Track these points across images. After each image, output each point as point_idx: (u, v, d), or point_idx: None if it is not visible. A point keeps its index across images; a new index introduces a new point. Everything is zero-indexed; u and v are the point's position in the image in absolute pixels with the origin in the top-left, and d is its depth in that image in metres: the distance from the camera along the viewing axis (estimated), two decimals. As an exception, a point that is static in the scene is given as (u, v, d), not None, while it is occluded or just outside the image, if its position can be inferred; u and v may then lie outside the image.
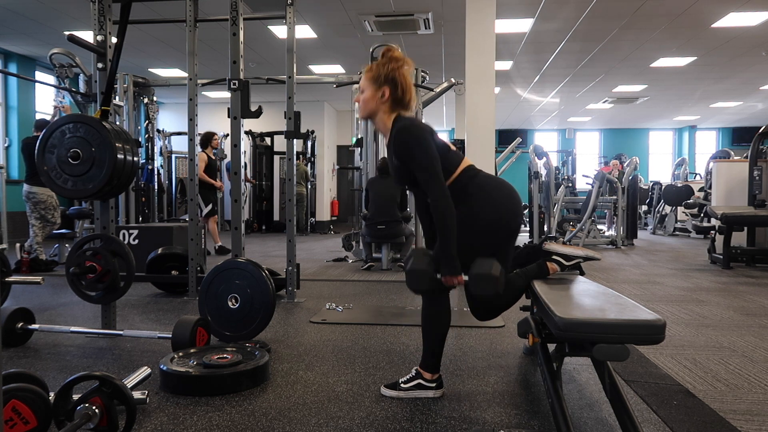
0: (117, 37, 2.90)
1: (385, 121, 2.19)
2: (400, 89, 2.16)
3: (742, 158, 8.03)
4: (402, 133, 2.10)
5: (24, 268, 5.58)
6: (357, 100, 2.25)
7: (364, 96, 2.20)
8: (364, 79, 2.21)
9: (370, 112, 2.21)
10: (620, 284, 4.99)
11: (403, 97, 2.17)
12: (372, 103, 2.19)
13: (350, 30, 8.14)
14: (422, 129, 2.11)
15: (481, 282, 1.97)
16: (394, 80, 2.15)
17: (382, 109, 2.19)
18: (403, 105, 2.19)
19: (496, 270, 1.96)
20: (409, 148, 2.07)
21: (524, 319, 2.61)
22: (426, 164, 2.04)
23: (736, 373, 2.52)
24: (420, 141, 2.06)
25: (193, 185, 4.23)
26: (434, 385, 2.17)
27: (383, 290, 4.69)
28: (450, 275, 2.02)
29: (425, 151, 2.05)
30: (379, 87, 2.17)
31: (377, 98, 2.17)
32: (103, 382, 1.75)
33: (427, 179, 2.04)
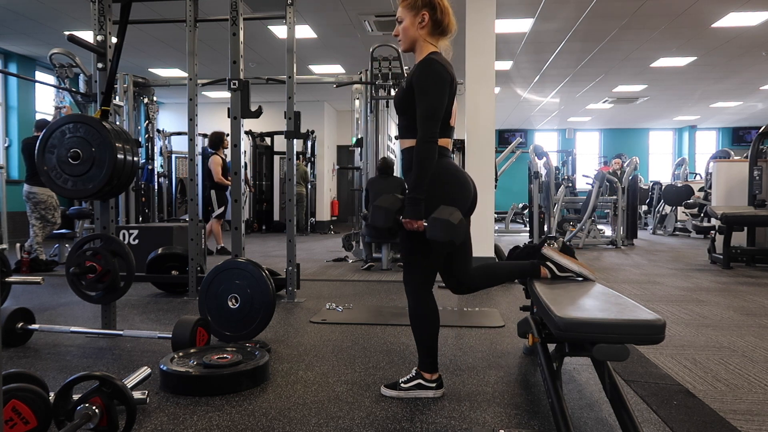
0: (117, 37, 2.90)
1: (424, 50, 2.16)
2: (439, 11, 2.14)
3: (742, 158, 8.03)
4: (426, 66, 2.07)
5: (24, 268, 5.58)
6: (396, 33, 2.20)
7: (404, 25, 2.16)
8: (401, 8, 2.16)
9: (411, 41, 2.17)
10: (620, 284, 4.99)
11: (443, 18, 2.15)
12: (412, 31, 2.15)
13: (350, 30, 8.14)
14: (446, 73, 2.08)
15: (437, 226, 1.95)
16: (431, 3, 2.13)
17: (422, 35, 2.15)
18: (443, 28, 2.17)
19: (455, 218, 1.94)
20: (426, 79, 2.05)
21: (524, 319, 2.61)
22: (431, 103, 2.03)
23: (736, 373, 2.52)
24: (439, 81, 2.05)
25: (193, 185, 4.23)
26: (434, 385, 2.18)
27: (383, 290, 4.69)
28: (411, 218, 2.02)
29: (437, 93, 2.04)
30: (417, 12, 2.13)
31: (417, 24, 2.14)
32: (103, 382, 1.75)
33: (425, 117, 2.03)
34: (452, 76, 2.13)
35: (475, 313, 3.72)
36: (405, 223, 2.05)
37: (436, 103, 2.04)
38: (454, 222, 1.93)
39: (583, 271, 2.26)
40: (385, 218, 2.08)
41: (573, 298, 1.94)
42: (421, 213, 2.02)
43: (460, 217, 1.97)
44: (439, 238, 1.95)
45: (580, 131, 18.35)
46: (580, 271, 2.26)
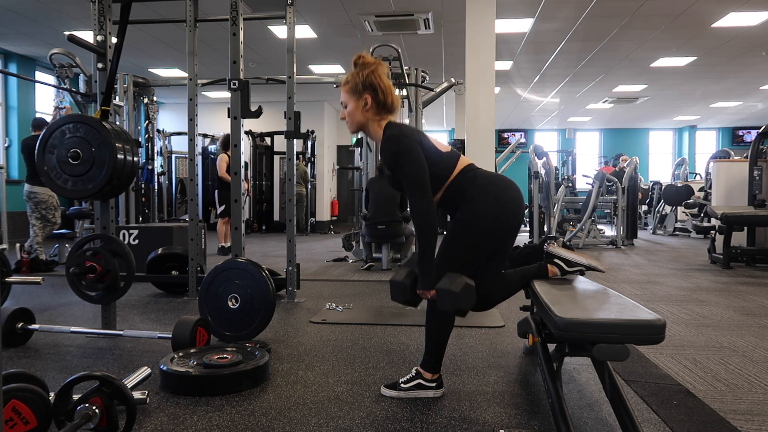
0: (117, 37, 2.90)
1: (376, 130, 2.17)
2: (380, 93, 2.13)
3: (742, 158, 8.03)
4: (389, 143, 2.08)
5: (24, 268, 5.58)
6: (342, 116, 2.22)
7: (348, 110, 2.18)
8: (343, 93, 2.18)
9: (359, 125, 2.19)
10: (620, 284, 4.99)
11: (386, 99, 2.14)
12: (358, 115, 2.16)
13: (350, 30, 8.14)
14: (409, 138, 2.07)
15: (444, 297, 1.97)
16: (372, 85, 2.13)
17: (369, 117, 2.16)
18: (388, 108, 2.16)
19: (456, 285, 1.95)
20: (395, 158, 2.06)
21: (524, 319, 2.61)
22: (411, 175, 2.03)
23: (736, 373, 2.52)
24: (406, 151, 2.04)
25: (194, 185, 4.23)
26: (434, 385, 2.18)
27: (383, 290, 4.69)
28: (423, 289, 2.05)
29: (411, 162, 2.03)
30: (359, 96, 2.14)
31: (361, 108, 2.15)
32: (104, 382, 1.75)
33: (412, 191, 2.03)
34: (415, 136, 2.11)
35: (475, 313, 3.71)
36: (420, 293, 2.08)
37: (412, 172, 2.03)
38: (456, 290, 1.94)
39: (592, 263, 2.26)
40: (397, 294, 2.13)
41: (573, 298, 1.94)
42: (431, 283, 2.03)
43: (463, 283, 1.96)
44: (446, 307, 1.99)
45: (580, 131, 18.35)
46: (590, 264, 2.25)
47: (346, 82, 2.17)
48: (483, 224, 2.09)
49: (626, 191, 8.66)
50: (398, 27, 7.89)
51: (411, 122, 6.68)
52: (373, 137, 2.21)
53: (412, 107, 6.59)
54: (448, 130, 17.30)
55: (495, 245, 2.15)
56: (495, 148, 5.58)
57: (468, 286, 1.97)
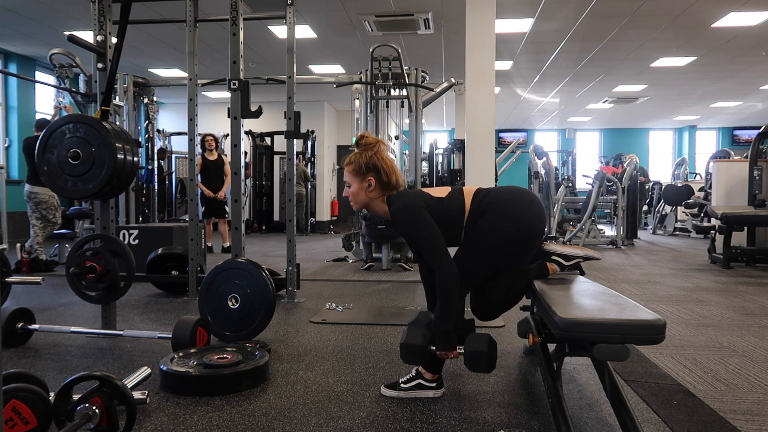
0: (117, 37, 2.90)
1: (380, 206, 2.23)
2: (383, 174, 2.19)
3: (742, 158, 8.03)
4: (398, 216, 2.13)
5: (24, 268, 5.58)
6: (346, 194, 2.28)
7: (352, 190, 2.24)
8: (347, 173, 2.24)
9: (362, 204, 2.25)
10: (620, 284, 4.99)
11: (389, 180, 2.20)
12: (362, 195, 2.23)
13: (350, 30, 8.14)
14: (416, 207, 2.12)
15: (475, 359, 2.02)
16: (375, 167, 2.18)
17: (373, 197, 2.22)
18: (391, 186, 2.22)
19: (490, 347, 2.02)
20: (408, 228, 2.11)
21: (524, 319, 2.61)
22: (427, 241, 2.07)
23: (736, 373, 2.52)
24: (417, 220, 2.09)
25: (193, 185, 4.23)
26: (434, 385, 2.18)
27: (383, 290, 4.69)
28: (445, 351, 2.05)
29: (425, 228, 2.08)
30: (363, 178, 2.20)
31: (365, 189, 2.21)
32: (104, 382, 1.75)
33: (431, 255, 2.07)
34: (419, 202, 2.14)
35: (475, 313, 3.72)
36: (439, 354, 2.08)
37: (431, 237, 2.07)
38: (490, 353, 2.01)
39: (588, 253, 2.29)
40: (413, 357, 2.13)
41: (573, 298, 1.94)
42: (453, 344, 2.05)
43: (488, 340, 2.03)
44: (478, 370, 2.05)
45: (580, 131, 18.34)
46: (586, 254, 2.28)
47: (350, 162, 2.23)
48: (500, 237, 2.11)
49: (626, 191, 8.66)
50: (398, 27, 7.89)
51: (411, 122, 6.69)
52: (379, 213, 2.26)
53: (412, 107, 6.59)
54: (448, 130, 17.29)
55: (513, 257, 2.18)
56: (495, 148, 5.57)
57: (493, 342, 2.05)
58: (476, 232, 2.14)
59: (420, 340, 2.09)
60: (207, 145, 7.58)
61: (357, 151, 2.24)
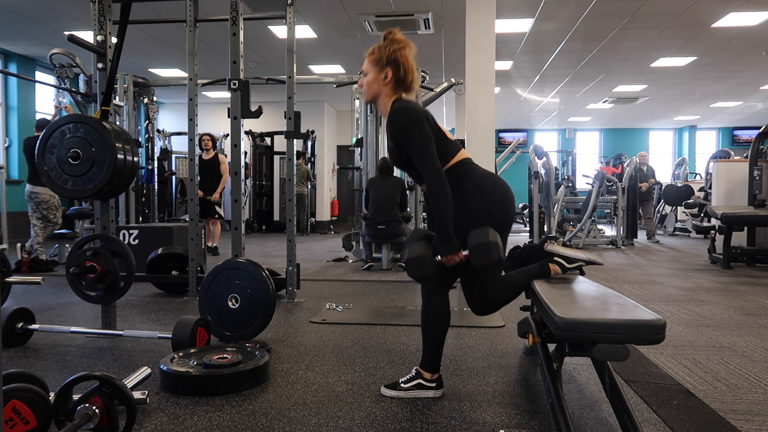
0: (117, 37, 2.90)
1: (386, 103, 2.20)
2: (402, 70, 2.17)
3: (742, 158, 8.03)
4: (396, 115, 2.10)
5: (24, 268, 5.58)
6: (360, 84, 2.25)
7: (368, 79, 2.21)
8: (367, 62, 2.21)
9: (374, 95, 2.22)
10: (620, 284, 4.99)
11: (405, 77, 2.18)
12: (375, 86, 2.20)
13: (350, 30, 8.14)
14: (417, 111, 2.10)
15: (481, 251, 1.96)
16: (396, 61, 2.16)
17: (385, 91, 2.19)
18: (406, 86, 2.20)
19: (493, 236, 1.95)
20: (403, 128, 2.08)
21: (524, 319, 2.61)
22: (419, 146, 2.04)
23: (736, 373, 2.52)
24: (414, 122, 2.07)
25: (193, 185, 4.23)
26: (434, 385, 2.17)
27: (383, 290, 4.69)
28: (450, 254, 2.01)
29: (419, 133, 2.05)
30: (381, 69, 2.18)
31: (380, 80, 2.18)
32: (104, 382, 1.75)
33: (421, 160, 2.04)
34: (423, 110, 2.14)
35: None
36: (445, 260, 2.04)
37: (423, 142, 2.05)
38: (493, 240, 1.94)
39: (591, 257, 2.28)
40: (422, 269, 2.05)
41: (573, 298, 1.94)
42: (457, 245, 2.01)
43: (495, 234, 1.98)
44: (486, 261, 1.96)
45: (580, 131, 18.35)
46: (589, 258, 2.28)
47: (372, 52, 2.21)
48: (474, 217, 2.08)
49: (626, 191, 8.66)
50: (398, 27, 7.88)
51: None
52: (381, 110, 2.23)
53: (412, 107, 6.58)
54: (448, 130, 17.27)
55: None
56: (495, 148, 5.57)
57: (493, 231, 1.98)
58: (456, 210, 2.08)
59: (422, 251, 2.04)
60: (204, 144, 7.55)
61: (383, 42, 2.21)
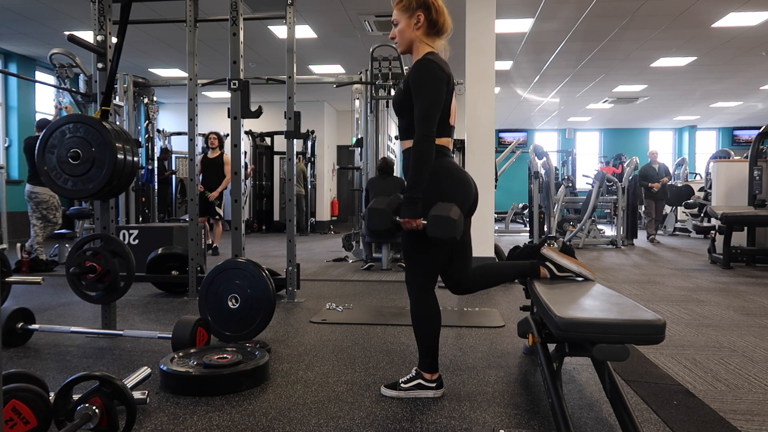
0: (117, 37, 2.90)
1: (420, 51, 2.16)
2: (434, 11, 2.14)
3: (742, 158, 8.03)
4: (422, 65, 2.08)
5: (24, 268, 5.58)
6: (393, 35, 2.22)
7: (399, 28, 2.17)
8: (396, 11, 2.18)
9: (409, 42, 2.18)
10: (620, 284, 4.99)
11: (438, 18, 2.15)
12: (408, 32, 2.16)
13: (350, 30, 8.14)
14: (443, 72, 2.08)
15: (438, 223, 1.96)
16: (426, 3, 2.13)
17: (419, 36, 2.15)
18: (438, 29, 2.17)
19: (454, 213, 1.95)
20: (421, 81, 2.05)
21: (524, 319, 2.61)
22: (426, 105, 2.03)
23: (736, 373, 2.52)
24: (435, 81, 2.05)
25: (193, 185, 4.23)
26: (434, 385, 2.18)
27: (383, 290, 4.69)
28: (409, 217, 2.02)
29: (434, 92, 2.04)
30: (412, 14, 2.14)
31: (412, 26, 2.15)
32: (104, 382, 1.75)
33: (422, 117, 2.03)
34: (449, 74, 2.13)
35: (475, 313, 3.72)
36: (403, 223, 2.05)
37: (432, 102, 2.04)
38: (454, 217, 1.94)
39: (582, 271, 2.26)
40: (381, 220, 2.08)
41: (573, 298, 1.94)
42: (418, 212, 2.02)
43: (459, 213, 1.98)
44: (440, 234, 1.96)
45: (580, 131, 18.35)
46: (580, 271, 2.26)
47: (399, 1, 2.17)
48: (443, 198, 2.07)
49: (626, 191, 8.66)
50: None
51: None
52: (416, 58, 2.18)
53: (412, 107, 6.58)
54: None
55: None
56: (495, 148, 5.57)
57: (461, 215, 2.00)
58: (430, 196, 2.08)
59: (385, 205, 2.08)
60: (210, 143, 7.53)
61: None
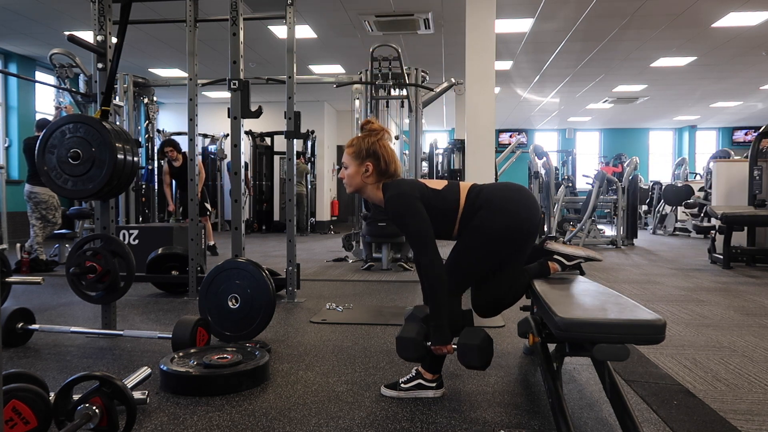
0: (117, 37, 2.90)
1: (375, 193, 2.22)
2: (383, 162, 2.18)
3: (742, 158, 8.03)
4: (390, 204, 2.13)
5: (24, 268, 5.58)
6: (342, 176, 2.27)
7: (349, 172, 2.23)
8: (346, 155, 2.23)
9: (357, 188, 2.24)
10: (620, 284, 4.99)
11: (387, 168, 2.20)
12: (357, 179, 2.22)
13: (350, 30, 8.14)
14: (409, 195, 2.11)
15: (468, 353, 2.02)
16: (375, 153, 2.18)
17: (368, 182, 2.21)
18: (389, 175, 2.21)
19: (484, 341, 2.01)
20: (398, 218, 2.11)
21: (524, 319, 2.61)
22: (414, 233, 2.07)
23: (736, 372, 2.52)
24: (406, 209, 2.09)
25: (193, 185, 4.23)
26: (434, 385, 2.18)
27: (383, 290, 4.69)
28: (440, 345, 2.04)
29: (413, 220, 2.07)
30: (361, 162, 2.19)
31: (361, 174, 2.20)
32: (104, 382, 1.75)
33: (417, 247, 2.08)
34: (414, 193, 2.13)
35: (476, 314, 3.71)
36: (434, 349, 2.06)
37: (418, 229, 2.07)
38: (483, 347, 2.00)
39: (590, 254, 2.29)
40: (409, 351, 2.10)
41: (573, 298, 1.94)
42: (447, 338, 2.04)
43: (488, 338, 2.04)
44: (470, 363, 2.04)
45: (580, 131, 18.35)
46: (588, 255, 2.29)
47: (351, 145, 2.23)
48: (495, 233, 2.12)
49: (626, 191, 8.66)
50: (398, 27, 7.89)
51: (411, 122, 6.69)
52: (373, 200, 2.26)
53: (412, 107, 6.59)
54: (448, 130, 17.28)
55: (506, 254, 2.19)
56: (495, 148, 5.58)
57: (487, 338, 2.04)
58: (471, 230, 2.14)
59: (414, 334, 2.09)
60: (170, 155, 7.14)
61: (360, 135, 2.24)
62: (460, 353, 2.03)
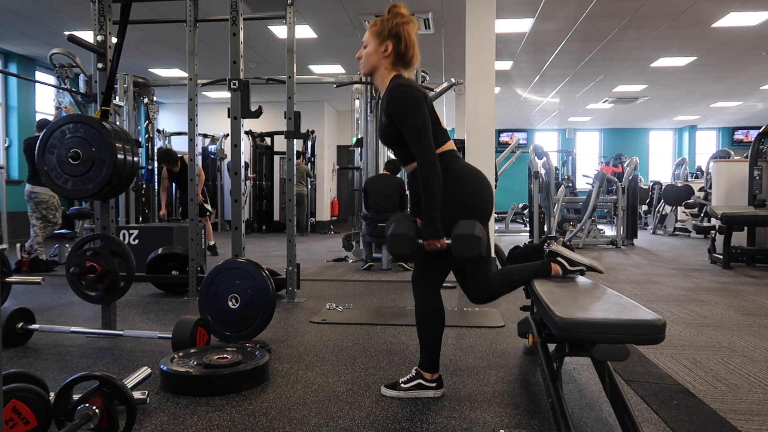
0: (117, 37, 2.90)
1: (384, 78, 2.17)
2: (403, 44, 2.14)
3: (742, 158, 8.03)
4: (395, 92, 2.08)
5: (24, 268, 5.58)
6: (359, 55, 2.21)
7: (367, 50, 2.17)
8: (368, 33, 2.17)
9: (372, 68, 2.18)
10: (620, 284, 4.99)
11: (406, 52, 2.15)
12: (374, 58, 2.16)
13: (350, 30, 8.14)
14: (417, 90, 2.08)
15: (463, 243, 1.96)
16: (398, 35, 2.13)
17: (384, 64, 2.16)
18: (406, 62, 2.17)
19: (478, 231, 1.95)
20: (400, 107, 2.05)
21: (524, 319, 2.61)
22: (416, 126, 2.02)
23: (736, 372, 2.52)
24: (412, 101, 2.04)
25: (193, 185, 4.23)
26: (434, 385, 2.18)
27: (383, 290, 4.69)
28: (432, 239, 2.00)
29: (417, 113, 2.03)
30: (382, 41, 2.14)
31: (380, 53, 2.15)
32: (104, 382, 1.75)
33: (416, 139, 2.03)
34: (423, 91, 2.11)
35: (475, 313, 3.72)
36: (426, 245, 2.02)
37: (419, 123, 2.03)
38: (479, 235, 1.94)
39: (593, 264, 2.28)
40: (402, 246, 2.05)
41: (573, 298, 1.94)
42: (440, 231, 2.00)
43: (482, 229, 1.98)
44: (466, 253, 1.96)
45: (580, 131, 18.35)
46: (591, 264, 2.27)
47: (374, 24, 2.17)
48: (461, 206, 2.08)
49: (626, 191, 8.66)
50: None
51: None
52: (378, 84, 2.20)
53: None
54: (448, 130, 17.27)
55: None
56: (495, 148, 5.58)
57: (481, 228, 1.98)
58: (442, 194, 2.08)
59: (406, 229, 2.04)
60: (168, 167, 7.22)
61: (386, 15, 2.17)
62: (456, 244, 1.97)
